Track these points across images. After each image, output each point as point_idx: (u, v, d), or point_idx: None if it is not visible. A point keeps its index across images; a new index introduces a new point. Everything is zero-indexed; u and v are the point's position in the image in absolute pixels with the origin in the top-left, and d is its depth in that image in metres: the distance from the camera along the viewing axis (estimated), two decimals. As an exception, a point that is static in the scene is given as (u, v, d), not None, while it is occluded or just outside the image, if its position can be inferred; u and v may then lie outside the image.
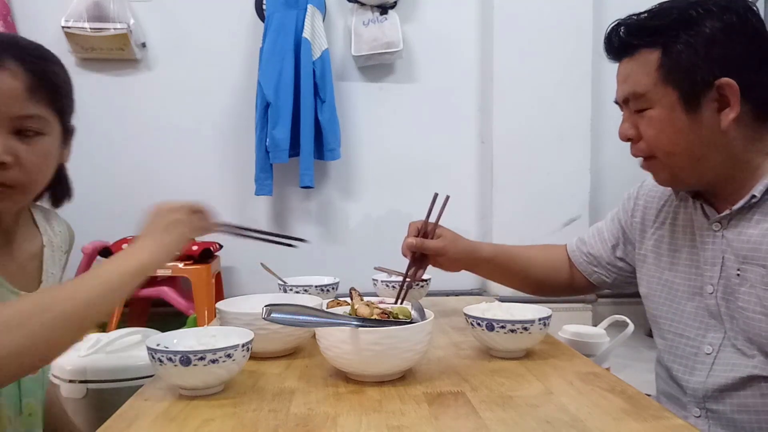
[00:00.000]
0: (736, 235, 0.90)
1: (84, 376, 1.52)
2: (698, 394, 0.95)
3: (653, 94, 0.89)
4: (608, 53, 0.97)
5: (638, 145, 0.94)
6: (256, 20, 2.80)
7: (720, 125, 0.86)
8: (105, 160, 2.85)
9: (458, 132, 2.98)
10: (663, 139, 0.90)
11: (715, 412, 0.93)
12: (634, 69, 0.91)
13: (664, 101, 0.88)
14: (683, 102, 0.87)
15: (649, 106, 0.90)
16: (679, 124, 0.88)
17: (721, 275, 0.92)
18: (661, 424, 0.71)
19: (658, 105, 0.89)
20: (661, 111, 0.89)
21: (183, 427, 0.72)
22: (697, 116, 0.87)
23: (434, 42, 2.94)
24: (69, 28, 2.58)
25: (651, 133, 0.91)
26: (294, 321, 0.84)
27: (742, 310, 0.89)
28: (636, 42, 0.91)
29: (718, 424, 0.93)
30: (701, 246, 0.96)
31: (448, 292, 2.51)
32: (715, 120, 0.87)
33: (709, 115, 0.87)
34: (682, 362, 0.98)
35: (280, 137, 2.62)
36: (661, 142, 0.90)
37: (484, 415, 0.74)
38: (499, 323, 0.95)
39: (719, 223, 0.93)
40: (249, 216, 2.90)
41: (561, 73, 2.75)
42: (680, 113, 0.88)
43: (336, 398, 0.80)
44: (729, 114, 0.86)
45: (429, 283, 1.35)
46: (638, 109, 0.92)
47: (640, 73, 0.90)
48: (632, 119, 0.94)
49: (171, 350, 0.81)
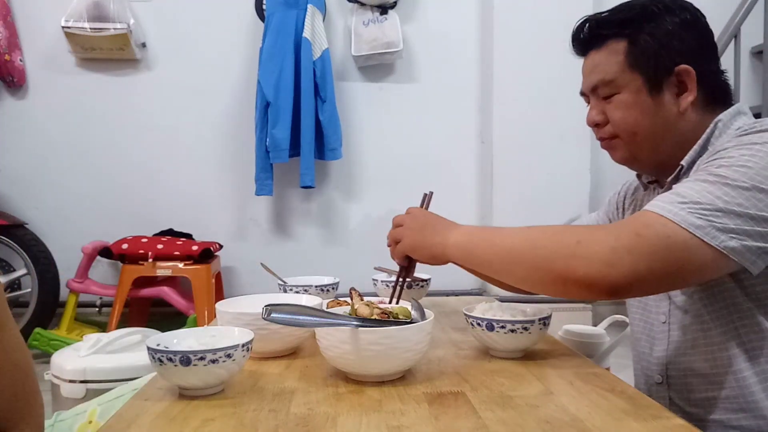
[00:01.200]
0: None
1: (84, 376, 1.52)
2: (662, 362, 1.02)
3: (621, 79, 0.98)
4: (575, 47, 1.08)
5: (605, 129, 1.03)
6: (256, 20, 2.80)
7: (679, 108, 0.97)
8: (105, 160, 2.85)
9: (458, 132, 2.99)
10: (629, 120, 0.99)
11: (672, 378, 1.01)
12: (603, 59, 1.01)
13: (631, 86, 0.97)
14: (648, 86, 0.97)
15: (617, 91, 0.99)
16: (644, 106, 0.97)
17: None
18: (661, 424, 0.71)
19: (625, 89, 0.98)
20: (629, 95, 0.98)
21: (183, 427, 0.72)
22: (660, 99, 0.97)
23: (434, 42, 2.94)
24: (69, 28, 2.58)
25: (618, 115, 0.99)
26: (294, 321, 0.84)
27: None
28: (605, 33, 1.00)
29: (675, 389, 1.01)
30: None
31: (448, 292, 2.52)
32: (675, 103, 0.97)
33: (669, 98, 0.97)
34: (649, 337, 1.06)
35: (280, 137, 2.62)
36: (627, 123, 0.99)
37: (484, 415, 0.74)
38: (499, 323, 0.95)
39: None
40: (249, 216, 2.90)
41: (561, 73, 2.74)
42: (645, 96, 0.97)
43: (336, 398, 0.80)
44: (687, 97, 0.96)
45: (429, 283, 1.35)
46: (606, 96, 1.01)
47: (609, 62, 0.99)
48: (599, 106, 1.03)
49: (171, 350, 0.80)
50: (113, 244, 2.52)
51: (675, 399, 1.01)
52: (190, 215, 2.83)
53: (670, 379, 1.02)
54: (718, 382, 0.94)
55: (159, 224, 2.77)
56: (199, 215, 2.85)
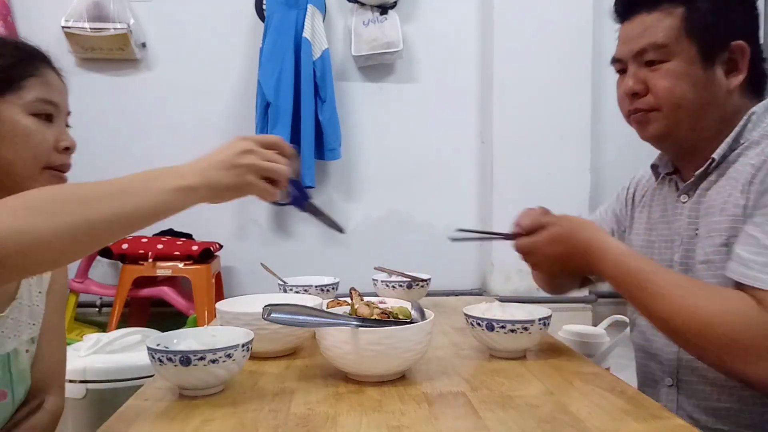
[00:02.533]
0: (697, 198, 0.97)
1: (84, 376, 1.52)
2: (672, 364, 0.99)
3: (674, 46, 0.92)
4: (620, 8, 1.00)
5: (643, 99, 0.96)
6: (256, 20, 2.79)
7: (729, 87, 0.92)
8: (105, 160, 2.85)
9: (458, 132, 2.98)
10: (676, 91, 0.92)
11: (684, 383, 0.98)
12: (655, 21, 0.93)
13: (684, 54, 0.92)
14: (701, 57, 0.91)
15: (667, 59, 0.93)
16: (695, 78, 0.92)
17: (683, 242, 0.98)
18: (661, 424, 0.71)
19: (676, 58, 0.92)
20: (679, 64, 0.92)
21: (183, 427, 0.72)
22: (711, 73, 0.92)
23: (434, 42, 2.94)
24: (69, 28, 2.58)
25: (664, 84, 0.93)
26: (294, 321, 0.84)
27: (696, 264, 0.94)
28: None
29: (685, 394, 0.98)
30: (671, 219, 1.02)
31: (448, 292, 2.52)
32: (723, 81, 0.93)
33: (719, 75, 0.92)
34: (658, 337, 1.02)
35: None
36: (673, 94, 0.93)
37: (484, 415, 0.74)
38: (499, 323, 0.95)
39: (686, 194, 0.99)
40: (249, 216, 2.90)
41: (561, 73, 2.75)
42: (697, 68, 0.92)
43: (336, 398, 0.80)
44: (738, 76, 0.92)
45: (429, 283, 1.35)
46: (653, 61, 0.94)
47: (663, 26, 0.92)
48: (640, 74, 0.96)
49: (171, 350, 0.81)
50: (113, 244, 2.52)
51: (683, 404, 0.98)
52: (190, 215, 2.82)
53: (680, 383, 0.99)
54: (734, 394, 0.91)
55: (159, 224, 2.76)
56: (199, 215, 2.85)
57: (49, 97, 0.89)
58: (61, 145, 0.90)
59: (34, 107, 0.87)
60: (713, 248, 0.91)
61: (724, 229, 0.90)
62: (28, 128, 0.86)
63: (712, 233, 0.92)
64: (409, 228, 2.87)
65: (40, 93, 0.88)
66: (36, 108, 0.88)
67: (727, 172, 0.93)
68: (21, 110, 0.86)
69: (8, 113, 0.85)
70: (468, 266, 2.86)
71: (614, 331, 1.43)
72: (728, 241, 0.88)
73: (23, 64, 0.88)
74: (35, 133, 0.87)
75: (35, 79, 0.88)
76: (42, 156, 0.88)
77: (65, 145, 0.91)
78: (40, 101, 0.88)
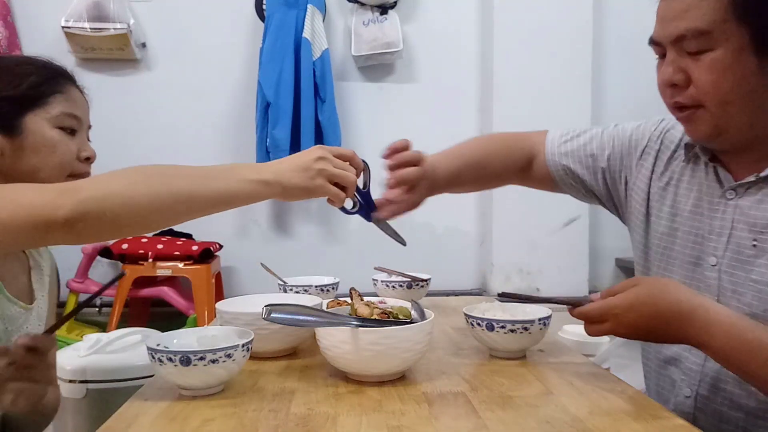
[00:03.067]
0: (754, 203, 0.84)
1: (84, 376, 1.52)
2: (694, 375, 0.90)
3: (720, 32, 0.77)
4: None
5: (686, 93, 0.82)
6: (256, 20, 2.79)
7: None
8: (105, 160, 2.82)
9: (458, 132, 2.97)
10: (724, 86, 0.79)
11: (705, 399, 0.89)
12: (696, 2, 0.78)
13: (732, 41, 0.77)
14: (755, 43, 0.77)
15: (711, 48, 0.79)
16: (746, 69, 0.78)
17: (728, 247, 0.86)
18: (661, 424, 0.71)
19: (722, 46, 0.78)
20: (726, 53, 0.78)
21: (183, 427, 0.72)
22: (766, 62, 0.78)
23: (434, 42, 2.93)
24: (69, 28, 2.58)
25: (709, 78, 0.79)
26: (294, 321, 0.84)
27: (754, 283, 0.83)
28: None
29: (702, 410, 0.89)
30: (709, 214, 0.89)
31: (448, 292, 2.52)
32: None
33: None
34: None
35: (280, 137, 2.62)
36: (720, 90, 0.79)
37: (484, 415, 0.74)
38: (499, 323, 0.95)
39: (734, 191, 0.86)
40: (250, 216, 2.90)
41: (561, 73, 2.74)
42: (749, 56, 0.78)
43: (336, 398, 0.80)
44: None
45: (429, 283, 1.35)
46: (695, 51, 0.80)
47: (706, 7, 0.77)
48: (681, 62, 0.82)
49: (171, 350, 0.81)
50: (113, 244, 2.52)
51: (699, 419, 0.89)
52: (190, 215, 2.83)
53: (699, 397, 0.89)
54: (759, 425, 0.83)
55: (159, 224, 2.77)
56: (199, 215, 2.85)
57: (73, 111, 0.98)
58: (83, 155, 1.00)
59: (59, 121, 0.96)
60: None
61: None
62: (53, 139, 0.95)
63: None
64: (409, 228, 2.87)
65: (65, 108, 0.97)
66: (61, 121, 0.96)
67: None
68: (47, 123, 0.95)
69: (36, 126, 0.94)
70: (468, 266, 2.86)
71: (614, 331, 1.43)
72: None
73: (51, 82, 0.97)
74: (60, 144, 0.96)
75: (61, 96, 0.97)
76: (66, 165, 0.97)
77: (87, 155, 1.01)
78: (64, 115, 0.97)
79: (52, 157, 0.95)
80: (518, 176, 1.22)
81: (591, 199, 1.17)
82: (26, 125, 0.93)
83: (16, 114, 0.93)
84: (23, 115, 0.93)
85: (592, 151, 1.13)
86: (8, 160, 0.92)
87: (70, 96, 1.00)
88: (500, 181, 1.25)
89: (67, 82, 1.01)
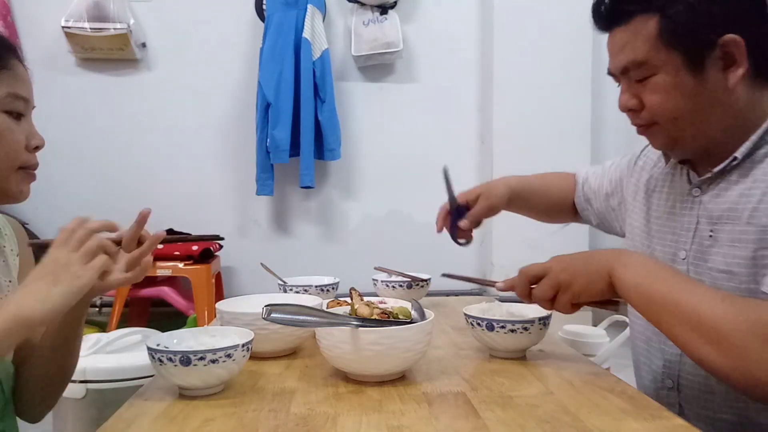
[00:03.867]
0: (712, 197, 0.91)
1: (84, 376, 1.52)
2: (674, 366, 0.95)
3: (655, 60, 0.86)
4: (597, 23, 0.94)
5: (641, 114, 0.91)
6: (256, 20, 2.80)
7: (727, 83, 0.84)
8: (105, 160, 2.85)
9: (458, 132, 2.98)
10: (669, 105, 0.87)
11: (686, 387, 0.94)
12: (631, 37, 0.87)
13: (668, 66, 0.85)
14: (688, 64, 0.84)
15: (652, 73, 0.87)
16: (685, 87, 0.85)
17: (693, 240, 0.93)
18: (661, 424, 0.71)
19: (661, 71, 0.86)
20: (666, 77, 0.86)
21: (183, 427, 0.72)
22: (703, 77, 0.84)
23: (434, 42, 2.94)
24: (69, 28, 2.58)
25: (656, 99, 0.88)
26: (294, 321, 0.84)
27: (710, 271, 0.89)
28: (631, 8, 0.87)
29: (686, 399, 0.94)
30: (679, 212, 0.97)
31: (448, 292, 2.52)
32: (721, 79, 0.84)
33: (714, 74, 0.84)
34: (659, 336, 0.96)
35: (280, 137, 2.62)
36: (667, 108, 0.87)
37: (484, 415, 0.74)
38: (499, 323, 0.95)
39: (699, 188, 0.94)
40: (249, 216, 2.91)
41: (561, 73, 2.75)
42: (686, 76, 0.85)
43: (336, 398, 0.80)
44: (737, 71, 0.83)
45: (429, 283, 1.35)
46: (641, 78, 0.88)
47: (639, 41, 0.86)
48: (633, 89, 0.90)
49: (171, 350, 0.81)
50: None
51: (686, 409, 0.93)
52: (190, 215, 2.83)
53: (681, 387, 0.94)
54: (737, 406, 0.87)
55: (159, 224, 2.77)
56: (200, 215, 2.85)
57: (19, 92, 0.83)
58: (32, 144, 0.86)
59: (5, 104, 0.82)
60: (737, 259, 0.85)
61: (752, 240, 0.83)
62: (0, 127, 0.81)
63: (737, 243, 0.85)
64: (409, 228, 2.87)
65: (11, 88, 0.82)
66: (7, 105, 0.82)
67: (752, 172, 0.86)
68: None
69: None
70: (468, 266, 2.86)
71: (614, 331, 1.43)
72: (756, 253, 0.83)
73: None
74: (6, 132, 0.82)
75: (6, 73, 0.82)
76: (14, 156, 0.83)
77: (36, 143, 0.86)
78: (11, 97, 0.82)
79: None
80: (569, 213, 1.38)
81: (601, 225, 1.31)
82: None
83: None
84: None
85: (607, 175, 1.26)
86: None
87: (16, 72, 0.83)
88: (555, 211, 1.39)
89: (10, 54, 0.83)
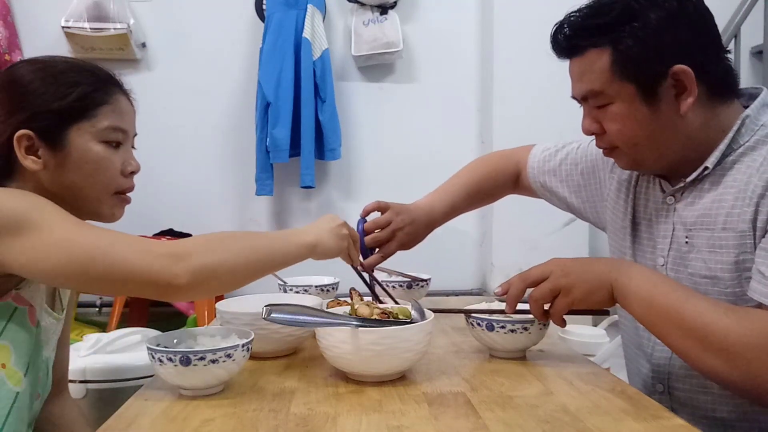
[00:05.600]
0: (687, 205, 0.94)
1: (84, 376, 1.52)
2: (663, 370, 0.97)
3: (610, 90, 0.90)
4: (556, 52, 1.00)
5: (603, 138, 0.96)
6: (256, 20, 2.79)
7: (679, 110, 0.88)
8: (105, 160, 2.85)
9: (458, 132, 2.98)
10: (627, 132, 0.91)
11: (678, 390, 0.95)
12: (586, 68, 0.92)
13: (623, 96, 0.90)
14: (641, 95, 0.89)
15: (609, 102, 0.91)
16: (640, 115, 0.90)
17: (671, 247, 0.96)
18: (661, 424, 0.71)
19: (617, 100, 0.90)
20: (622, 105, 0.90)
21: (183, 427, 0.72)
22: (657, 106, 0.89)
23: (434, 42, 2.93)
24: (69, 28, 2.58)
25: (615, 127, 0.92)
26: (294, 321, 0.84)
27: (690, 276, 0.91)
28: (584, 43, 0.92)
29: (678, 401, 0.95)
30: (656, 220, 0.99)
31: (448, 292, 2.52)
32: (674, 106, 0.89)
33: (667, 102, 0.89)
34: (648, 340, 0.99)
35: (280, 137, 2.62)
36: (625, 135, 0.92)
37: (484, 415, 0.74)
38: (499, 323, 0.95)
39: (672, 196, 0.97)
40: (249, 216, 2.90)
41: (561, 73, 2.73)
42: (640, 105, 0.89)
43: (336, 398, 0.80)
44: (687, 99, 0.87)
45: (429, 283, 1.35)
46: (600, 105, 0.93)
47: (594, 73, 0.91)
48: (594, 114, 0.95)
49: (171, 350, 0.81)
50: (113, 244, 2.52)
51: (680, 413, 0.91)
52: (190, 215, 2.83)
53: (672, 390, 0.96)
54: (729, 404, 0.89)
55: (159, 224, 2.77)
56: (199, 215, 2.85)
57: (120, 124, 0.93)
58: (127, 170, 0.95)
59: (104, 135, 0.91)
60: (720, 264, 0.87)
61: (732, 245, 0.86)
62: (98, 155, 0.90)
63: (716, 249, 0.88)
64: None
65: (112, 121, 0.91)
66: (106, 136, 0.91)
67: (723, 180, 0.89)
68: (92, 138, 0.89)
69: (81, 140, 0.88)
70: (468, 266, 2.85)
71: (614, 331, 1.43)
72: (738, 258, 0.85)
73: (99, 92, 0.91)
74: (104, 161, 0.90)
75: (108, 107, 0.91)
76: (110, 182, 0.92)
77: (132, 169, 0.96)
78: (111, 129, 0.91)
79: (95, 175, 0.90)
80: (509, 191, 1.39)
81: (570, 211, 1.29)
82: (71, 139, 0.87)
83: (62, 127, 0.87)
84: (68, 129, 0.87)
85: (567, 168, 1.25)
86: (50, 174, 0.87)
87: (118, 107, 0.94)
88: (494, 198, 1.43)
89: (115, 90, 0.95)
